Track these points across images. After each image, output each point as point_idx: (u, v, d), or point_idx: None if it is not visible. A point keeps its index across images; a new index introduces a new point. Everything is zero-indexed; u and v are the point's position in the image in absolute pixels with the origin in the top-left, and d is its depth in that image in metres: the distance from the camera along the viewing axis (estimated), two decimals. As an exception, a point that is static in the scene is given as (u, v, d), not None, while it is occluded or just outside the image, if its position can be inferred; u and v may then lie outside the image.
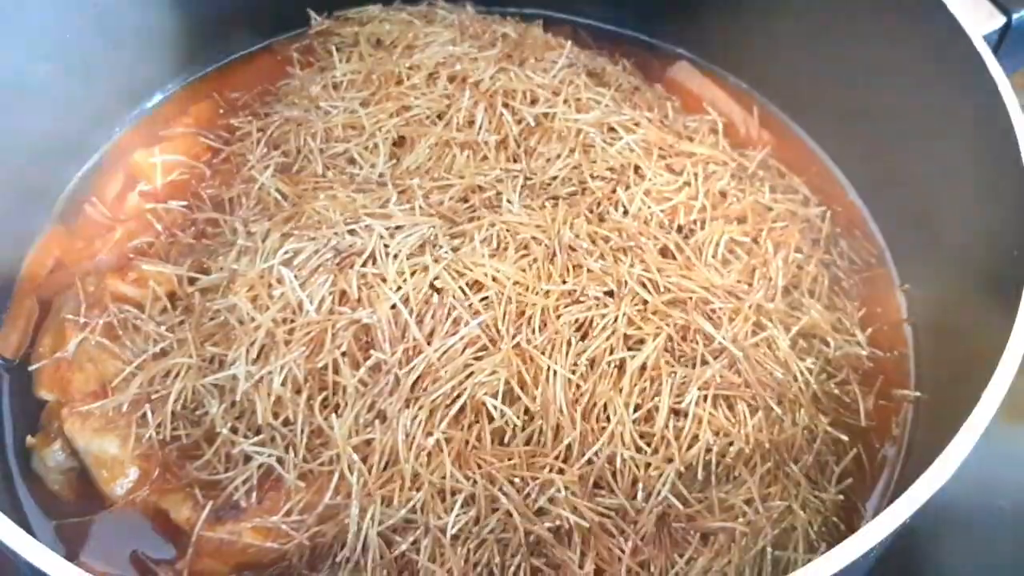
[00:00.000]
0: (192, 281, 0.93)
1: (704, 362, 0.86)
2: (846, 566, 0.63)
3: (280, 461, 0.82)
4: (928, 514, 0.96)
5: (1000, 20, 0.94)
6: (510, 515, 0.79)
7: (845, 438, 0.90)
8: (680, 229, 0.96)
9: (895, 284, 1.04)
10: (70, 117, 1.05)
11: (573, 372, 0.83)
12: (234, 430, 0.84)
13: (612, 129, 1.01)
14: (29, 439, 0.88)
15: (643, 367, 0.84)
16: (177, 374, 0.87)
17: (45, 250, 1.02)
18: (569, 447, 0.81)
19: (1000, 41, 0.96)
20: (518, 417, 0.82)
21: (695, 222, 0.97)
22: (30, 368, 0.92)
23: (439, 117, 1.02)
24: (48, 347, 0.92)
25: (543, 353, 0.83)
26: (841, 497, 0.87)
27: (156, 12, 1.10)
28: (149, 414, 0.87)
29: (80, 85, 1.04)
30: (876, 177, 1.08)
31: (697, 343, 0.87)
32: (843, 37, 1.05)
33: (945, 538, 0.98)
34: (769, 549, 0.82)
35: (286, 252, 0.89)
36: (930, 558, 0.98)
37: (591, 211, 0.95)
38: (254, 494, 0.83)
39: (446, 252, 0.88)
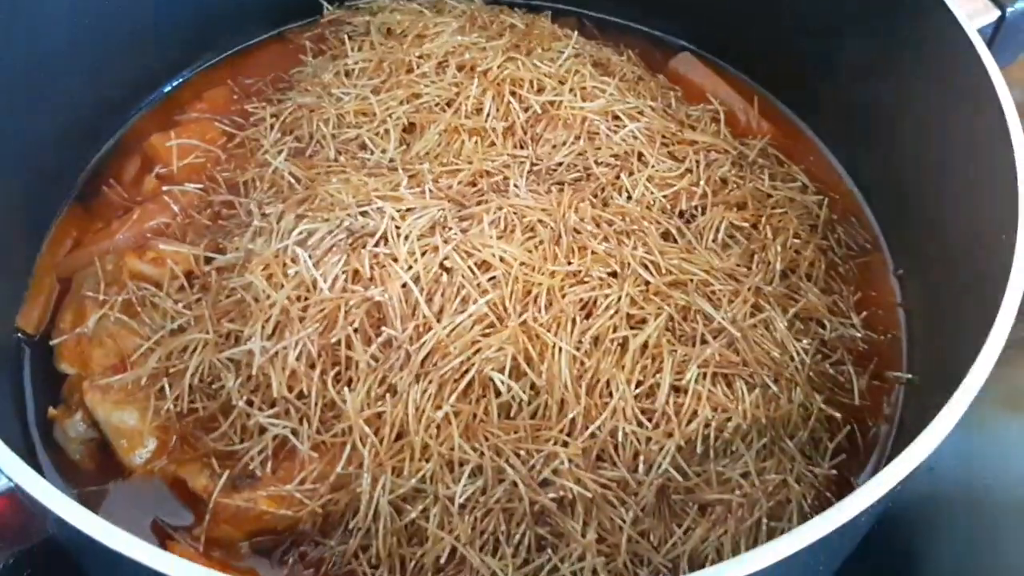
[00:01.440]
0: (208, 260, 0.96)
1: (704, 341, 0.89)
2: (834, 530, 0.65)
3: (294, 433, 0.85)
4: (926, 507, 0.99)
5: (995, 14, 0.97)
6: (516, 486, 0.82)
7: (839, 416, 0.93)
8: (682, 214, 0.99)
9: (890, 269, 1.07)
10: (88, 101, 1.08)
11: (578, 349, 0.86)
12: (250, 403, 0.87)
13: (616, 117, 1.04)
14: (51, 410, 0.91)
15: (645, 345, 0.87)
16: (194, 349, 0.90)
17: (64, 230, 1.05)
18: (573, 421, 0.84)
19: (994, 35, 0.99)
20: (524, 392, 0.84)
21: (696, 208, 1.00)
22: (51, 343, 0.95)
23: (448, 104, 1.05)
24: (69, 323, 0.95)
25: (548, 331, 0.86)
26: (834, 472, 0.90)
27: (171, 1, 1.13)
28: (167, 387, 0.90)
29: (98, 70, 1.07)
30: (872, 166, 1.11)
31: (697, 323, 0.90)
32: (842, 30, 1.08)
33: (942, 531, 1.01)
34: (764, 520, 0.84)
35: (300, 233, 0.92)
36: (926, 554, 1.01)
37: (595, 196, 0.98)
38: (269, 464, 0.85)
39: (455, 233, 0.91)
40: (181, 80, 1.19)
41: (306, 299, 0.88)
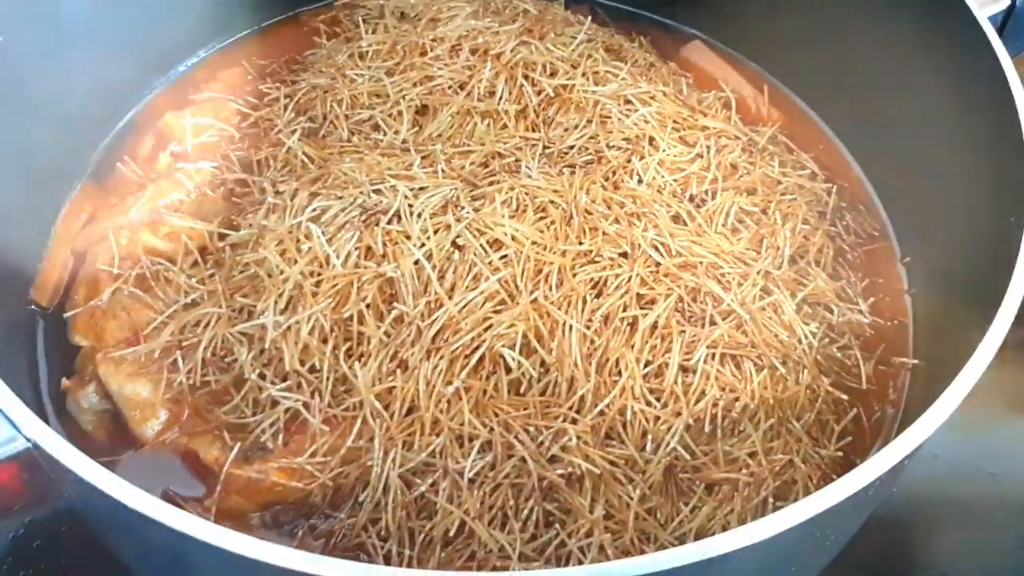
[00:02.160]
0: (222, 237, 0.97)
1: (712, 323, 0.90)
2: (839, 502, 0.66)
3: (306, 406, 0.86)
4: (930, 505, 1.00)
5: (1005, 2, 0.98)
6: (524, 461, 0.83)
7: (845, 398, 0.93)
8: (692, 198, 1.00)
9: (897, 257, 1.07)
10: (105, 79, 1.09)
11: (588, 328, 0.87)
12: (262, 376, 0.88)
13: (628, 101, 1.05)
14: (64, 381, 0.92)
15: (654, 325, 0.88)
16: (207, 323, 0.91)
17: (78, 205, 1.05)
18: (582, 399, 0.85)
19: (1004, 23, 0.99)
20: (534, 369, 0.85)
21: (706, 192, 1.01)
22: (65, 315, 0.96)
23: (461, 87, 1.06)
24: (83, 296, 0.96)
25: (559, 308, 0.87)
26: (840, 454, 0.91)
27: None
28: (180, 360, 0.91)
29: (116, 48, 1.08)
30: (881, 155, 1.12)
31: (706, 304, 0.90)
32: (851, 19, 1.09)
33: (949, 531, 1.03)
34: (771, 500, 0.85)
35: (314, 209, 0.93)
36: (932, 553, 1.02)
37: (607, 179, 0.98)
38: (281, 436, 0.86)
39: (467, 212, 0.92)
40: (196, 60, 1.20)
41: (319, 275, 0.89)
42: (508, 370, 0.85)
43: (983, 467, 1.04)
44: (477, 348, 0.85)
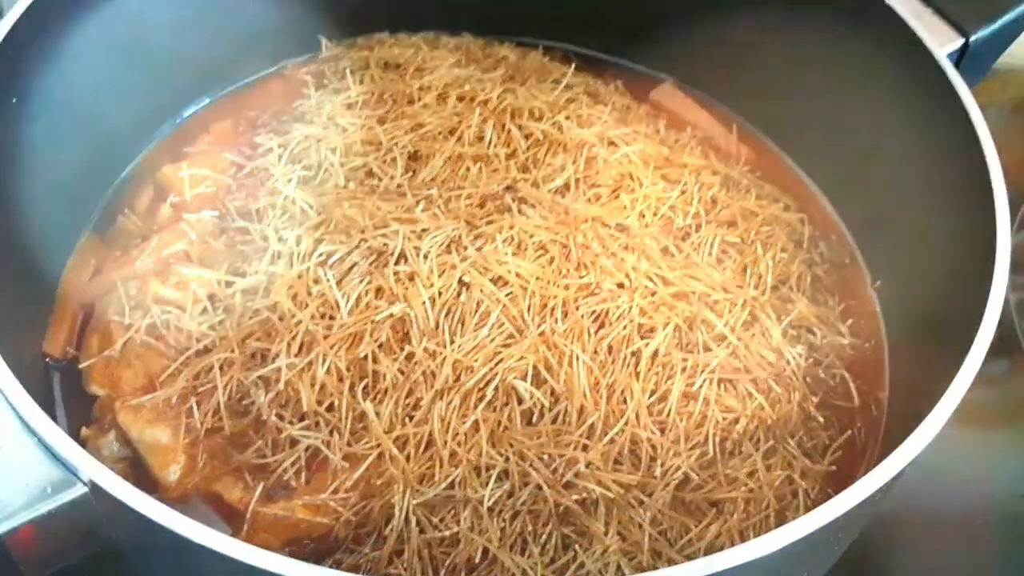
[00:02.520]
0: (230, 284, 0.99)
1: (708, 349, 0.95)
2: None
3: (326, 444, 0.89)
4: (907, 515, 1.05)
5: (959, 42, 1.05)
6: (540, 488, 0.87)
7: (833, 417, 0.99)
8: (678, 232, 1.05)
9: (868, 282, 1.14)
10: (106, 133, 1.11)
11: (594, 359, 0.91)
12: (280, 417, 0.91)
13: (612, 143, 1.10)
14: (84, 430, 0.93)
15: (655, 353, 0.93)
16: (221, 368, 0.94)
17: (83, 258, 1.07)
18: (592, 426, 0.89)
19: (959, 62, 1.06)
20: (545, 398, 0.89)
21: (690, 226, 1.06)
22: (80, 366, 0.98)
23: (451, 133, 1.10)
24: (96, 346, 0.98)
25: (566, 340, 0.91)
26: (834, 468, 0.96)
27: (179, 39, 1.17)
28: (195, 406, 0.93)
29: (117, 104, 1.11)
30: (846, 187, 1.18)
31: (701, 332, 0.96)
32: (815, 62, 1.15)
33: (925, 541, 1.08)
34: (773, 513, 0.90)
35: (320, 255, 0.97)
36: (909, 563, 1.07)
37: (595, 219, 1.03)
38: (303, 474, 0.89)
39: (471, 252, 0.96)
40: (187, 115, 1.23)
41: (331, 318, 0.93)
42: (520, 401, 0.89)
43: (960, 475, 1.09)
44: (490, 381, 0.89)
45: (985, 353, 0.82)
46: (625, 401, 0.91)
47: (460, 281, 0.94)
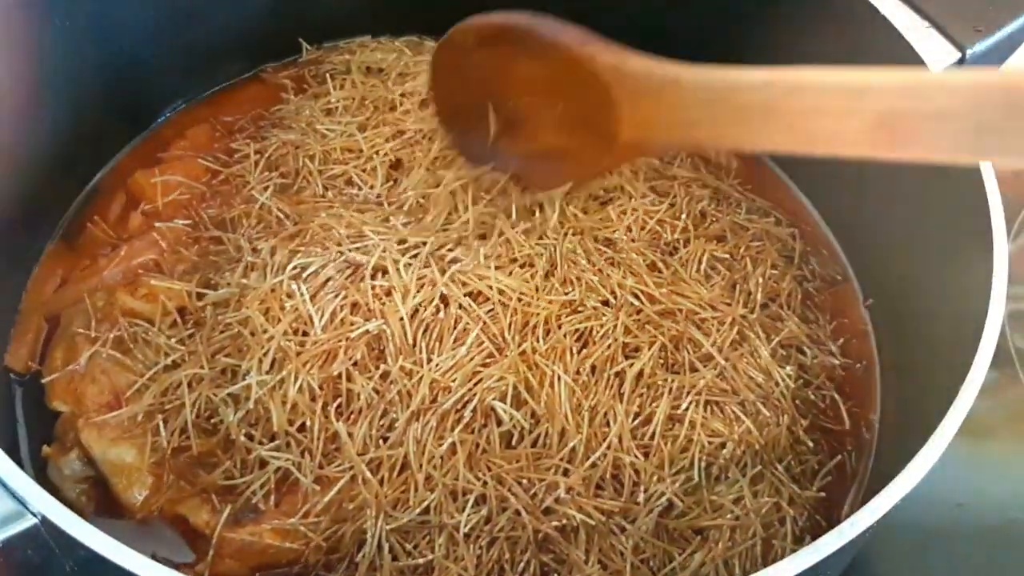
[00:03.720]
0: (201, 296, 0.96)
1: (694, 369, 0.92)
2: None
3: (297, 466, 0.86)
4: (899, 536, 1.03)
5: (955, 56, 1.02)
6: (519, 514, 0.83)
7: (823, 440, 0.96)
8: (665, 247, 1.02)
9: (859, 300, 1.11)
10: (72, 139, 1.07)
11: (575, 380, 0.88)
12: (250, 436, 0.87)
13: (600, 153, 1.07)
14: (45, 448, 0.90)
15: (640, 374, 0.90)
16: (190, 385, 0.90)
17: (49, 268, 1.04)
18: (573, 450, 0.86)
19: (956, 75, 1.04)
20: (525, 420, 0.86)
21: (679, 240, 1.03)
22: (43, 381, 0.94)
23: (433, 140, 1.07)
24: (60, 360, 0.94)
25: (547, 360, 0.88)
26: (823, 494, 0.93)
27: (153, 42, 1.13)
28: (161, 424, 0.90)
29: (82, 108, 1.07)
30: (838, 203, 1.15)
31: (688, 351, 0.93)
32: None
33: (916, 561, 1.05)
34: (759, 541, 0.87)
35: (294, 267, 0.93)
36: None
37: (583, 232, 1.00)
38: (272, 497, 0.86)
39: (451, 265, 0.93)
40: (163, 119, 1.19)
41: (304, 333, 0.89)
42: (499, 423, 0.86)
43: (951, 498, 1.07)
44: (468, 402, 0.86)
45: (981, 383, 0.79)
46: (608, 424, 0.88)
47: (440, 297, 0.90)
